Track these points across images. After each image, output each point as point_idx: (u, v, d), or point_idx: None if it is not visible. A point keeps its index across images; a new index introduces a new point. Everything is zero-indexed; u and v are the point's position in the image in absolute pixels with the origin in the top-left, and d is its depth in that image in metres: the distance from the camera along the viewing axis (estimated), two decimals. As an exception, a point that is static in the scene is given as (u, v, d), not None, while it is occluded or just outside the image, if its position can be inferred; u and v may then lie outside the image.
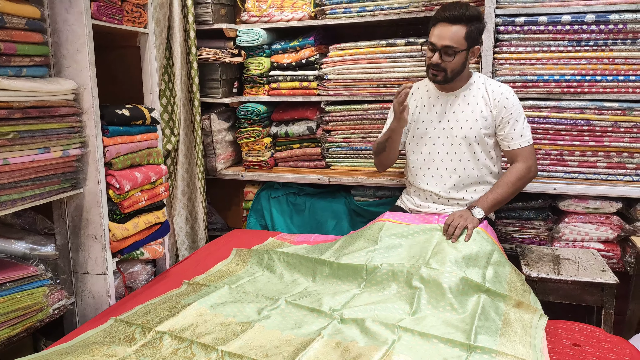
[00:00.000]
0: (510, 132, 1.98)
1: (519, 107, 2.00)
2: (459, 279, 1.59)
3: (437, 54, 1.90)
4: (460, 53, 1.91)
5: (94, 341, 1.41)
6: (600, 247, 2.21)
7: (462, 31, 1.89)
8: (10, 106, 1.48)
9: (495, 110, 1.98)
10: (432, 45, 1.92)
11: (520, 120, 1.98)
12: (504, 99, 1.98)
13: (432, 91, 2.10)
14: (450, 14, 1.88)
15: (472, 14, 1.90)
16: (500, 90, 2.00)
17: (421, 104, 2.10)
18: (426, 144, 2.08)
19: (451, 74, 1.95)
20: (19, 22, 1.52)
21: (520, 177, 1.97)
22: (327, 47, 2.66)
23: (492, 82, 2.04)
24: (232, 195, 3.01)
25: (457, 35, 1.89)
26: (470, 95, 2.02)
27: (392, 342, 1.34)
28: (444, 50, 1.90)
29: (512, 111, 1.97)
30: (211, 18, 2.64)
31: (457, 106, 2.03)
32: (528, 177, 2.00)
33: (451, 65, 1.92)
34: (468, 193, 2.03)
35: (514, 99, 1.99)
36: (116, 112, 1.86)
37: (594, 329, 1.55)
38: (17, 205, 1.55)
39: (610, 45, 2.15)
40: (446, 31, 1.89)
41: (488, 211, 1.94)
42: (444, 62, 1.91)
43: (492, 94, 2.00)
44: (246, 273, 1.90)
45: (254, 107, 2.74)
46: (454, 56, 1.90)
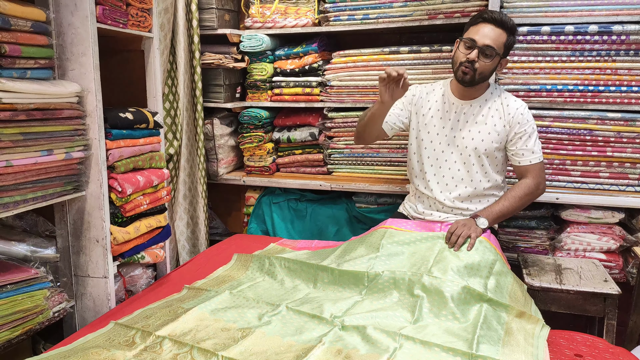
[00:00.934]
0: (522, 148, 1.97)
1: (533, 124, 1.98)
2: (461, 288, 1.58)
3: (476, 51, 1.86)
4: (496, 57, 1.89)
5: (93, 345, 1.40)
6: (602, 257, 2.21)
7: (504, 37, 1.88)
8: (14, 108, 1.48)
9: (509, 125, 1.97)
10: (472, 42, 1.87)
11: (533, 137, 1.97)
12: (519, 114, 1.96)
13: (448, 96, 2.06)
14: (498, 17, 1.86)
15: (514, 25, 1.91)
16: (515, 106, 1.98)
17: (435, 108, 2.07)
18: (435, 150, 2.05)
19: (479, 77, 1.91)
20: (24, 24, 1.53)
21: (528, 192, 1.97)
22: (331, 53, 2.66)
23: (509, 96, 2.02)
24: (233, 200, 3.01)
25: (500, 39, 1.87)
26: (485, 106, 2.00)
27: (393, 350, 1.33)
28: (483, 49, 1.86)
29: (525, 127, 1.96)
30: (215, 23, 2.65)
31: (472, 116, 2.00)
32: (536, 194, 2.00)
33: (485, 67, 1.88)
34: (473, 204, 2.02)
35: (528, 115, 1.98)
36: (119, 116, 1.86)
37: (596, 339, 1.54)
38: (19, 207, 1.55)
39: (613, 56, 2.16)
40: (491, 32, 1.86)
41: (492, 222, 1.94)
42: (479, 62, 1.87)
43: (508, 109, 1.98)
44: (247, 278, 1.89)
45: (256, 113, 2.74)
46: (491, 58, 1.87)
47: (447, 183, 2.04)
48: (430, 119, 2.07)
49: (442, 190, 2.04)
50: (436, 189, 2.05)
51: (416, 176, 2.13)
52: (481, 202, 2.03)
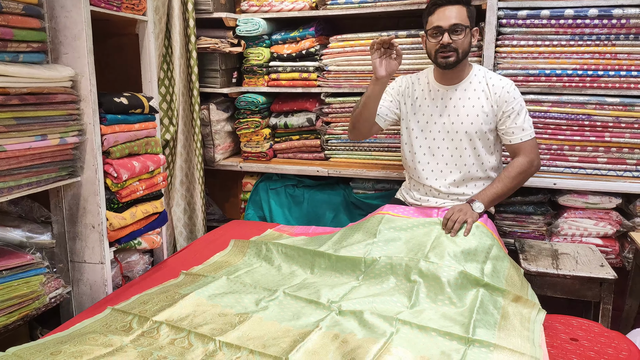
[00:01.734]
0: (511, 126, 1.96)
1: (521, 101, 1.97)
2: (458, 273, 1.58)
3: (447, 35, 1.87)
4: (467, 31, 1.90)
5: (90, 330, 1.41)
6: (599, 243, 2.21)
7: (464, 10, 1.90)
8: (6, 92, 1.46)
9: (497, 104, 1.96)
10: (438, 29, 1.88)
11: (522, 114, 1.96)
12: (505, 92, 1.95)
13: (433, 84, 2.06)
14: None
15: None
16: (501, 84, 1.97)
17: (422, 97, 2.07)
18: (426, 138, 2.05)
19: (462, 55, 1.91)
20: (15, 7, 1.50)
21: (522, 171, 1.95)
22: (328, 38, 2.63)
23: (493, 76, 2.01)
24: (230, 186, 3.00)
25: (462, 13, 1.89)
26: (470, 89, 1.99)
27: (390, 335, 1.33)
28: (452, 29, 1.87)
29: (513, 105, 1.94)
30: (211, 7, 2.62)
31: (458, 100, 2.00)
32: (530, 171, 1.98)
33: (461, 44, 1.89)
34: (468, 188, 2.02)
35: (515, 93, 1.96)
36: (114, 100, 1.84)
37: (592, 323, 1.55)
38: (14, 193, 1.53)
39: (613, 40, 2.14)
40: (450, 11, 1.87)
41: (488, 205, 1.93)
42: (454, 42, 1.88)
43: (493, 88, 1.97)
44: (244, 264, 1.89)
45: (253, 98, 2.72)
46: (463, 33, 1.88)
47: (442, 170, 2.03)
48: (418, 108, 2.07)
49: (437, 178, 2.04)
50: (431, 176, 2.05)
51: (409, 165, 2.12)
52: (477, 186, 2.02)
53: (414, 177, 2.10)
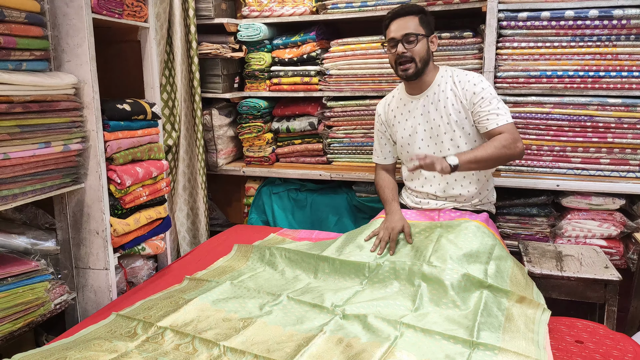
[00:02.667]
0: (483, 112, 1.91)
1: (490, 90, 1.93)
2: (461, 275, 1.58)
3: (400, 45, 1.92)
4: (421, 38, 1.93)
5: (95, 336, 1.41)
6: (603, 244, 2.21)
7: (415, 19, 1.94)
8: (10, 100, 1.47)
9: (465, 98, 1.95)
10: (393, 41, 1.94)
11: (493, 101, 1.90)
12: (471, 85, 1.94)
13: (405, 98, 2.09)
14: (399, 10, 1.96)
15: (418, 7, 1.99)
16: (467, 79, 1.96)
17: (398, 113, 2.10)
18: (409, 152, 2.08)
19: (420, 63, 1.94)
20: (18, 15, 1.51)
21: (506, 145, 1.83)
22: (329, 42, 2.64)
23: (459, 73, 2.01)
24: (233, 191, 3.00)
25: (413, 22, 1.93)
26: (439, 91, 1.99)
27: (394, 339, 1.33)
28: (405, 39, 1.91)
29: (482, 95, 1.91)
30: (212, 12, 2.63)
31: (431, 105, 2.00)
32: (514, 148, 1.84)
33: (417, 52, 1.92)
34: (464, 187, 2.02)
35: (482, 83, 1.93)
36: (117, 107, 1.85)
37: (597, 325, 1.55)
38: (18, 200, 1.54)
39: (614, 41, 2.14)
40: (401, 22, 1.93)
41: (464, 164, 1.80)
42: (409, 51, 1.92)
43: (460, 84, 1.97)
44: (248, 269, 1.89)
45: (255, 103, 2.73)
46: (415, 42, 1.92)
47: (435, 175, 2.03)
48: (398, 124, 2.11)
49: (432, 184, 2.05)
50: (425, 184, 2.06)
51: (406, 179, 2.16)
52: (471, 183, 2.01)
53: (411, 187, 2.12)
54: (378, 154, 2.23)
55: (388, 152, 2.20)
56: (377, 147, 2.23)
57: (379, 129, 2.20)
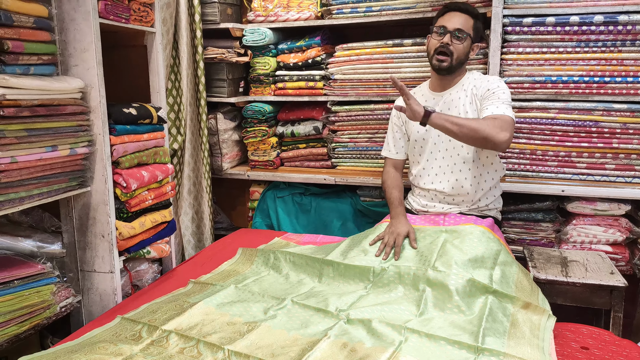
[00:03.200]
0: (486, 104, 1.90)
1: (503, 89, 1.92)
2: (466, 280, 1.58)
3: (448, 36, 1.93)
4: (468, 39, 1.96)
5: (100, 339, 1.41)
6: (609, 250, 2.20)
7: (472, 21, 1.97)
8: (18, 104, 1.48)
9: (480, 94, 1.97)
10: (443, 29, 1.95)
11: (501, 97, 1.89)
12: (487, 82, 1.98)
13: (427, 94, 2.11)
14: (463, 5, 1.99)
15: (478, 12, 2.02)
16: (486, 78, 2.01)
17: None
18: (428, 146, 2.07)
19: (456, 61, 1.96)
20: (26, 20, 1.53)
21: (490, 125, 1.78)
22: (334, 47, 2.65)
23: (482, 76, 2.05)
24: (237, 195, 3.01)
25: (468, 23, 1.96)
26: (461, 90, 2.03)
27: (399, 343, 1.33)
28: (454, 33, 1.93)
29: (493, 90, 1.92)
30: (218, 17, 2.65)
31: (451, 102, 2.03)
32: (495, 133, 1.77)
33: (459, 50, 1.94)
34: (472, 187, 2.02)
35: (498, 82, 1.96)
36: (123, 111, 1.86)
37: (602, 332, 1.54)
38: (25, 203, 1.55)
39: (619, 47, 2.13)
40: (458, 17, 1.96)
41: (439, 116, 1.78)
42: (453, 45, 1.94)
43: (477, 82, 2.01)
44: (252, 273, 1.89)
45: (260, 107, 2.74)
46: (463, 40, 1.94)
47: (445, 172, 2.04)
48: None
49: (441, 181, 2.05)
50: (435, 180, 2.06)
51: (414, 174, 2.15)
52: (480, 184, 2.02)
53: (419, 185, 2.11)
54: (390, 147, 2.21)
55: (401, 147, 2.19)
56: (390, 141, 2.21)
57: (395, 122, 2.19)
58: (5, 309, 1.51)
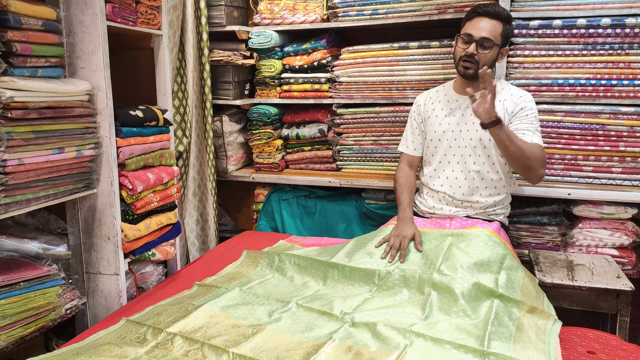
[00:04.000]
0: (521, 127, 1.90)
1: (536, 115, 1.95)
2: (472, 284, 1.57)
3: (474, 45, 1.88)
4: (495, 47, 1.89)
5: (105, 341, 1.42)
6: (615, 253, 2.18)
7: (500, 27, 1.89)
8: (26, 106, 1.49)
9: (512, 110, 1.94)
10: (469, 37, 1.89)
11: (535, 124, 1.93)
12: (522, 100, 1.95)
13: (451, 94, 2.07)
14: (491, 9, 1.89)
15: (509, 15, 1.94)
16: (519, 94, 1.97)
17: (439, 107, 2.08)
18: (443, 147, 2.05)
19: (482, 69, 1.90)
20: (35, 23, 1.54)
21: (538, 158, 1.82)
22: (339, 49, 2.65)
23: (513, 88, 2.02)
24: (242, 197, 3.01)
25: (496, 30, 1.89)
26: None
27: (404, 347, 1.33)
28: (481, 42, 1.87)
29: (527, 112, 1.92)
30: (224, 20, 2.65)
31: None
32: (538, 166, 1.83)
33: (485, 58, 1.89)
34: (482, 197, 2.01)
35: (532, 104, 1.95)
36: (130, 113, 1.87)
37: (609, 336, 1.53)
38: (32, 205, 1.56)
39: (627, 50, 2.12)
40: (485, 24, 1.88)
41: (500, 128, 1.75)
42: (479, 54, 1.88)
43: (512, 97, 1.97)
44: (257, 275, 1.89)
45: (265, 109, 2.74)
46: (490, 49, 1.88)
47: (457, 177, 2.03)
48: (435, 119, 2.08)
49: (452, 185, 2.03)
50: (446, 183, 2.05)
51: (425, 174, 2.13)
52: (491, 195, 2.01)
53: (429, 185, 2.10)
54: (408, 143, 2.18)
55: (419, 144, 2.16)
56: (408, 137, 2.18)
57: (415, 118, 2.16)
58: (11, 311, 1.52)
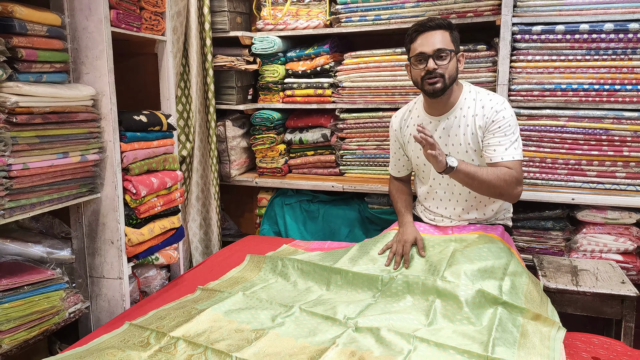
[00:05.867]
0: (493, 143, 1.83)
1: (510, 121, 1.83)
2: (475, 291, 1.56)
3: (431, 60, 1.79)
4: (452, 55, 1.82)
5: (108, 345, 1.42)
6: (619, 259, 2.17)
7: (446, 34, 1.83)
8: (30, 112, 1.50)
9: (484, 125, 1.86)
10: (422, 55, 1.81)
11: (508, 134, 1.82)
12: (494, 112, 1.84)
13: (423, 117, 1.98)
14: (431, 23, 1.83)
15: (448, 21, 1.86)
16: (490, 105, 1.86)
17: (414, 131, 1.87)
18: (424, 172, 2.03)
19: (449, 81, 1.83)
20: (40, 29, 1.55)
21: (507, 180, 1.77)
22: (342, 55, 2.66)
23: (484, 96, 1.90)
24: (245, 202, 3.01)
25: (445, 38, 1.82)
26: (460, 116, 1.90)
27: (407, 352, 1.32)
28: (436, 54, 1.80)
29: (499, 124, 1.82)
30: (227, 26, 2.67)
31: (451, 129, 1.91)
32: (511, 188, 1.79)
33: (448, 68, 1.81)
34: (479, 212, 1.99)
35: (505, 112, 1.84)
36: (134, 118, 1.88)
37: (613, 342, 1.52)
38: (36, 209, 1.57)
39: (630, 55, 2.12)
40: (431, 37, 1.81)
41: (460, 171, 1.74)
42: (440, 67, 1.80)
43: (482, 110, 1.87)
44: (260, 280, 1.89)
45: (268, 114, 2.75)
46: (448, 58, 1.80)
47: (450, 199, 2.01)
48: (415, 145, 2.01)
49: (447, 207, 2.02)
50: (440, 206, 2.04)
51: (420, 194, 2.13)
52: (487, 206, 1.99)
53: (425, 205, 2.10)
54: (392, 167, 2.19)
55: (402, 167, 2.16)
56: (392, 160, 2.19)
57: (394, 143, 2.14)
58: (15, 315, 1.52)
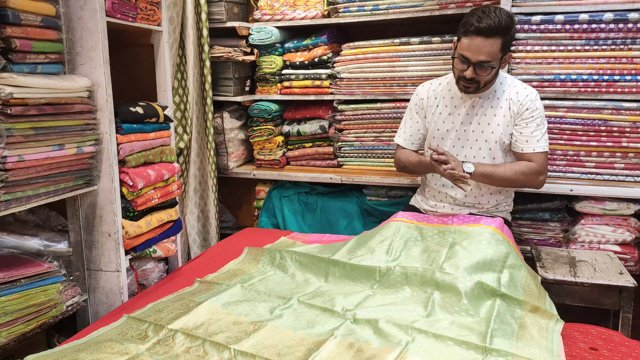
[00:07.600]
0: (526, 134, 1.92)
1: (542, 113, 1.93)
2: (474, 283, 1.57)
3: (471, 69, 1.80)
4: (495, 68, 1.83)
5: (107, 338, 1.41)
6: (617, 250, 2.17)
7: (498, 44, 1.77)
8: (25, 103, 1.49)
9: (517, 111, 1.92)
10: (465, 59, 1.80)
11: (540, 126, 1.92)
12: (529, 100, 1.92)
13: (455, 91, 2.01)
14: (487, 26, 1.73)
15: (508, 24, 1.77)
16: (525, 93, 1.94)
17: (443, 104, 2.04)
18: (446, 146, 2.03)
19: (484, 84, 1.88)
20: (34, 19, 1.53)
21: (528, 172, 1.89)
22: (340, 45, 2.64)
23: (519, 84, 1.98)
24: (243, 194, 3.01)
25: (493, 49, 1.77)
26: (495, 97, 1.96)
27: (406, 344, 1.32)
28: (478, 65, 1.79)
29: (533, 114, 1.91)
30: (224, 16, 2.64)
31: (481, 109, 1.96)
32: (534, 180, 1.92)
33: (485, 77, 1.85)
34: (485, 197, 2.00)
35: (538, 103, 1.93)
36: (130, 110, 1.86)
37: (611, 332, 1.52)
38: (32, 202, 1.56)
39: (629, 45, 2.11)
40: (482, 45, 1.76)
41: (477, 175, 1.85)
42: (477, 75, 1.82)
43: (517, 96, 1.93)
44: (258, 272, 1.89)
45: (266, 106, 2.73)
46: (489, 70, 1.81)
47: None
48: (439, 116, 2.04)
49: (454, 186, 2.01)
50: (448, 184, 2.03)
51: (427, 175, 2.11)
52: (492, 195, 2.00)
53: (431, 184, 2.09)
54: (406, 136, 2.13)
55: (417, 139, 2.12)
56: (407, 129, 2.12)
57: (417, 111, 2.10)
58: (12, 308, 1.52)
